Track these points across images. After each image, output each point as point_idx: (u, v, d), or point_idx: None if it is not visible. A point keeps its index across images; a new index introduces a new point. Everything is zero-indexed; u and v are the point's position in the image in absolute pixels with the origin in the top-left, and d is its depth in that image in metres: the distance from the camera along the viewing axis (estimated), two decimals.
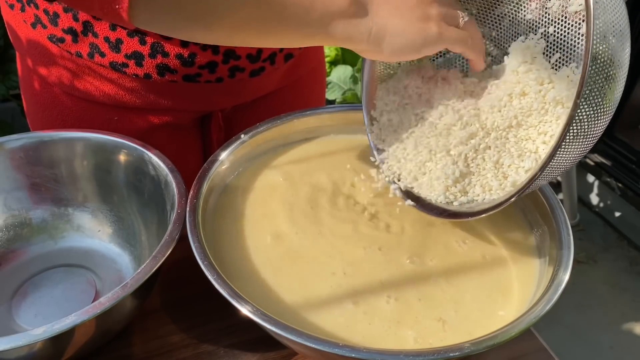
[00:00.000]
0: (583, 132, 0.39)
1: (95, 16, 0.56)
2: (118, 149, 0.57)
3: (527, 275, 0.47)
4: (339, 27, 0.45)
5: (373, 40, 0.46)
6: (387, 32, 0.46)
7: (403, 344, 0.42)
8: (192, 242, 0.45)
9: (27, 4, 0.59)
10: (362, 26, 0.46)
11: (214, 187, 0.54)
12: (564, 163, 0.41)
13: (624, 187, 1.75)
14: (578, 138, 0.40)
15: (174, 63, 0.59)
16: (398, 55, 0.48)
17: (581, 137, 0.40)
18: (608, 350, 1.44)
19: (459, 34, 0.48)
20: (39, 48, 0.61)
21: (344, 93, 1.68)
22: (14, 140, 0.57)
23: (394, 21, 0.46)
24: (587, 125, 0.39)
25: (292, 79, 0.73)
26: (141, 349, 0.51)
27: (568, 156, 0.41)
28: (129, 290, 0.41)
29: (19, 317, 0.52)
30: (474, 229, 0.52)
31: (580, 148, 0.41)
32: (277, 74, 0.68)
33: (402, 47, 0.47)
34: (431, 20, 0.47)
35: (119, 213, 0.59)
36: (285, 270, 0.47)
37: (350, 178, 0.57)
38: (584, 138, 0.40)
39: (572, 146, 0.40)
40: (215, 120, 0.70)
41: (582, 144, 0.41)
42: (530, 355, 0.52)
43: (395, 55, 0.48)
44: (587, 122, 0.39)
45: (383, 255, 0.49)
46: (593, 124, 0.40)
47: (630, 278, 1.65)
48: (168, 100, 0.64)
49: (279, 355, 0.50)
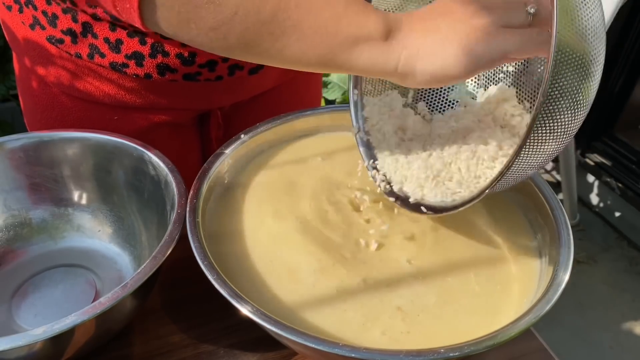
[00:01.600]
0: (554, 126, 0.37)
1: (115, 18, 0.55)
2: (118, 149, 0.57)
3: (528, 275, 0.47)
4: (364, 54, 0.40)
5: (403, 68, 0.40)
6: (420, 56, 0.39)
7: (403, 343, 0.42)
8: (192, 242, 0.45)
9: (25, 5, 0.59)
10: (392, 53, 0.40)
11: (214, 187, 0.54)
12: (534, 157, 0.39)
13: (624, 187, 1.75)
14: (545, 131, 0.37)
15: (175, 62, 0.59)
16: (439, 80, 0.40)
17: (550, 133, 0.38)
18: (608, 350, 1.44)
19: (522, 36, 0.39)
20: (38, 49, 0.61)
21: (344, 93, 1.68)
22: (14, 140, 0.57)
23: (428, 41, 0.39)
24: (559, 118, 0.37)
25: (289, 77, 0.73)
26: (141, 349, 0.51)
27: (538, 150, 0.39)
28: (129, 290, 0.41)
29: (19, 317, 0.52)
30: (476, 230, 0.52)
31: (552, 144, 0.39)
32: (275, 72, 0.69)
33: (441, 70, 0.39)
34: (477, 32, 0.39)
35: (119, 213, 0.59)
36: (285, 270, 0.47)
37: (350, 177, 0.57)
38: (552, 134, 0.38)
39: (541, 141, 0.38)
40: (215, 118, 0.70)
41: (554, 139, 0.38)
42: (530, 355, 0.52)
43: (437, 81, 0.40)
44: (559, 115, 0.37)
45: (383, 255, 0.49)
46: (563, 117, 0.37)
47: (630, 278, 1.65)
48: (168, 99, 0.64)
49: (279, 355, 0.50)
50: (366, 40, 0.39)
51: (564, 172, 1.70)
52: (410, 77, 0.41)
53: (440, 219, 0.52)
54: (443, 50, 0.39)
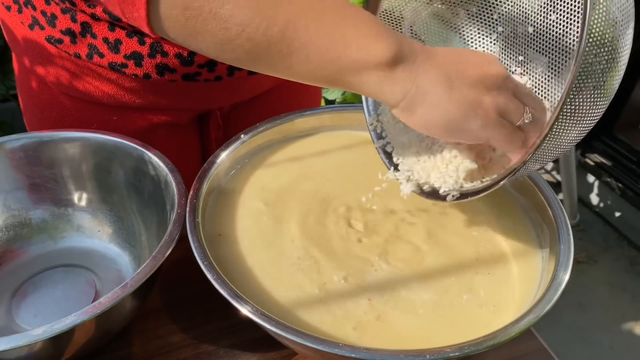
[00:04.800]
0: (578, 111, 0.38)
1: (115, 18, 0.55)
2: (118, 149, 0.57)
3: (529, 275, 0.47)
4: (371, 79, 0.39)
5: (406, 105, 0.40)
6: (425, 101, 0.40)
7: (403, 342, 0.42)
8: (192, 242, 0.45)
9: (25, 6, 0.59)
10: (400, 85, 0.39)
11: (214, 187, 0.54)
12: (557, 145, 0.40)
13: (624, 187, 1.75)
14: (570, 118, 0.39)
15: (174, 62, 0.59)
16: (429, 130, 0.42)
17: (572, 119, 0.39)
18: (608, 350, 1.44)
19: (508, 136, 0.42)
20: (37, 49, 0.61)
21: (344, 93, 1.68)
22: (14, 140, 0.57)
23: (438, 91, 0.39)
24: (581, 104, 0.38)
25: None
26: (141, 349, 0.51)
27: (560, 138, 0.40)
28: (129, 290, 0.41)
29: (19, 317, 0.52)
30: (478, 229, 0.52)
31: (574, 130, 0.40)
32: None
33: (436, 123, 0.41)
34: (480, 108, 0.40)
35: (119, 213, 0.59)
36: (285, 270, 0.47)
37: (350, 176, 0.57)
38: (574, 119, 0.39)
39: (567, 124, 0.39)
40: (214, 118, 0.70)
41: (576, 125, 0.39)
42: (530, 355, 0.52)
43: (426, 129, 0.42)
44: (582, 101, 0.38)
45: (383, 253, 0.49)
46: (587, 103, 0.39)
47: (630, 278, 1.65)
48: (167, 100, 0.64)
49: (279, 355, 0.50)
50: (375, 67, 0.39)
51: (564, 172, 1.70)
52: (407, 115, 0.41)
53: (440, 219, 0.52)
54: (446, 109, 0.40)
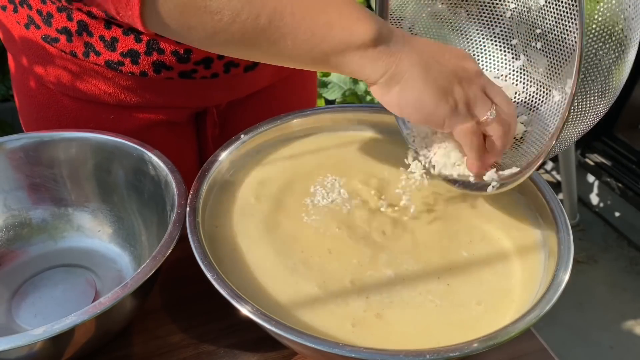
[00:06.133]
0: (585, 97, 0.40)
1: (111, 16, 0.56)
2: (118, 148, 0.57)
3: (529, 275, 0.47)
4: (354, 59, 0.42)
5: (384, 82, 0.43)
6: (401, 80, 0.42)
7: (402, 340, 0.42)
8: (192, 242, 0.45)
9: (20, 5, 0.59)
10: (380, 64, 0.42)
11: (214, 187, 0.54)
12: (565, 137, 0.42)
13: (624, 187, 1.75)
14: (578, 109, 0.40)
15: (170, 60, 0.59)
16: (401, 109, 0.44)
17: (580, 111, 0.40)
18: (608, 350, 1.44)
19: (470, 128, 0.44)
20: (33, 48, 0.61)
21: (344, 93, 1.68)
22: (14, 140, 0.57)
23: (414, 72, 0.42)
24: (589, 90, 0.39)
25: (285, 74, 0.73)
26: (141, 349, 0.51)
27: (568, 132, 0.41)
28: (129, 290, 0.41)
29: (19, 317, 0.52)
30: (479, 229, 0.52)
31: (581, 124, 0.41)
32: (271, 69, 0.69)
33: (408, 102, 0.43)
34: (450, 96, 0.43)
35: (119, 213, 0.59)
36: (285, 269, 0.47)
37: (350, 176, 0.57)
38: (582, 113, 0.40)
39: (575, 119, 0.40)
40: (211, 116, 0.70)
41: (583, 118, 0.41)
42: (530, 355, 0.52)
43: (399, 108, 0.44)
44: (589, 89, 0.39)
45: (384, 252, 0.49)
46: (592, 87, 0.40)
47: (630, 278, 1.65)
48: (164, 98, 0.64)
49: (279, 355, 0.50)
50: (358, 47, 0.41)
51: (564, 172, 1.70)
52: (383, 92, 0.43)
53: (441, 219, 0.52)
54: (420, 90, 0.42)
